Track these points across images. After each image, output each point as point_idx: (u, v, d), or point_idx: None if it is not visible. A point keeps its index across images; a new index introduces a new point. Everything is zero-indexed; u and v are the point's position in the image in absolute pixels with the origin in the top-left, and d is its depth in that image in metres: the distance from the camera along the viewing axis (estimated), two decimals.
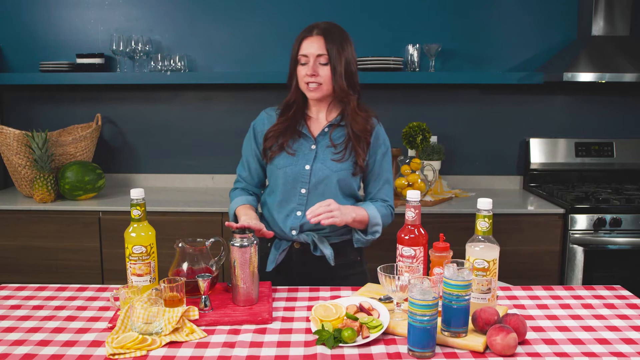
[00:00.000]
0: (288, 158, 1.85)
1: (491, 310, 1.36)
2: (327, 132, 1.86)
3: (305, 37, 1.82)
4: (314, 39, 1.80)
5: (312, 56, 1.79)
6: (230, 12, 3.22)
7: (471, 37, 3.22)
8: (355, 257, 1.94)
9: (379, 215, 1.84)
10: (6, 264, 2.82)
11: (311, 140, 1.86)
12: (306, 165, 1.83)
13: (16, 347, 1.35)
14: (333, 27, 1.83)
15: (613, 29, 3.03)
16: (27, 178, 2.93)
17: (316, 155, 1.84)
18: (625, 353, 1.32)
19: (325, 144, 1.85)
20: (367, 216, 1.81)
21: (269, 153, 1.87)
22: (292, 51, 1.85)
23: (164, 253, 1.86)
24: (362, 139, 1.84)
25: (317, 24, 1.84)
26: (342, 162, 1.82)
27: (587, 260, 2.72)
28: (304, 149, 1.85)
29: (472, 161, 3.34)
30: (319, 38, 1.80)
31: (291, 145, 1.85)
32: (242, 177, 1.99)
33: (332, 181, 1.82)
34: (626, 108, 3.30)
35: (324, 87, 1.81)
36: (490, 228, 1.47)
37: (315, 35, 1.81)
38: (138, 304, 1.38)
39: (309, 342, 1.38)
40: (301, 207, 1.85)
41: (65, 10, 3.24)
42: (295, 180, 1.84)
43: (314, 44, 1.80)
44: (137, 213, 1.58)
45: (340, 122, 1.87)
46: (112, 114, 3.32)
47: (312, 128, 1.89)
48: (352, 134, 1.83)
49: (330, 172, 1.82)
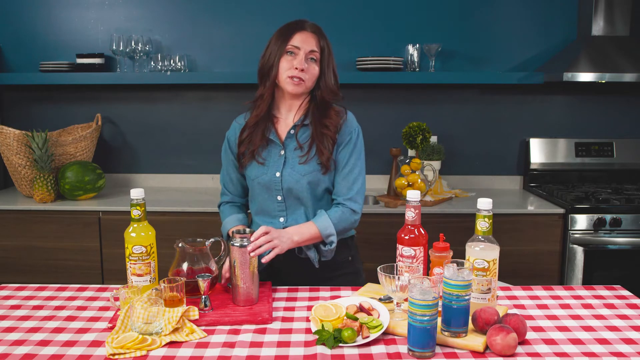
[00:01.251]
0: (259, 168, 1.82)
1: (491, 310, 1.36)
2: (293, 133, 1.82)
3: (299, 31, 1.77)
4: (308, 34, 1.77)
5: (305, 51, 1.75)
6: (230, 12, 3.22)
7: (471, 37, 3.22)
8: (345, 257, 1.91)
9: (331, 224, 1.76)
10: (6, 264, 2.82)
11: (279, 146, 1.82)
12: (277, 173, 1.80)
13: (16, 347, 1.35)
14: (320, 27, 1.82)
15: (613, 29, 3.03)
16: (27, 178, 2.93)
17: (285, 161, 1.81)
18: (625, 353, 1.32)
19: (292, 147, 1.81)
20: (317, 230, 1.76)
21: (242, 160, 1.85)
22: (276, 42, 1.78)
23: (164, 253, 1.86)
24: (326, 136, 1.77)
25: (305, 20, 1.81)
26: (307, 164, 1.78)
27: (587, 260, 2.72)
28: (273, 156, 1.82)
29: (472, 161, 3.34)
30: (313, 35, 1.78)
31: (261, 153, 1.82)
32: (227, 188, 1.97)
33: (303, 185, 1.79)
34: (626, 108, 3.30)
35: (307, 83, 1.77)
36: (490, 228, 1.47)
37: (309, 31, 1.78)
38: (138, 304, 1.38)
39: (309, 342, 1.38)
40: (282, 213, 1.84)
41: (65, 10, 3.24)
42: (269, 188, 1.82)
43: (308, 39, 1.76)
44: (137, 213, 1.58)
45: (304, 122, 1.81)
46: (112, 114, 3.32)
47: (280, 130, 1.84)
48: (315, 132, 1.78)
49: (299, 176, 1.78)
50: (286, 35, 1.77)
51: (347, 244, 1.92)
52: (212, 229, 2.76)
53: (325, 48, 1.78)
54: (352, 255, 1.94)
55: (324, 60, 1.78)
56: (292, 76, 1.75)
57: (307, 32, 1.78)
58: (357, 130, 1.85)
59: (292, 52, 1.76)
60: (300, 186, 1.79)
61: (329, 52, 1.79)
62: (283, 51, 1.76)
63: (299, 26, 1.79)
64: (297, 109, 1.84)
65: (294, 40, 1.76)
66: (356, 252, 1.97)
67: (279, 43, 1.77)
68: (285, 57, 1.76)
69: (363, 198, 1.85)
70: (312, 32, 1.78)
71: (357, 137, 1.84)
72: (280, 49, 1.77)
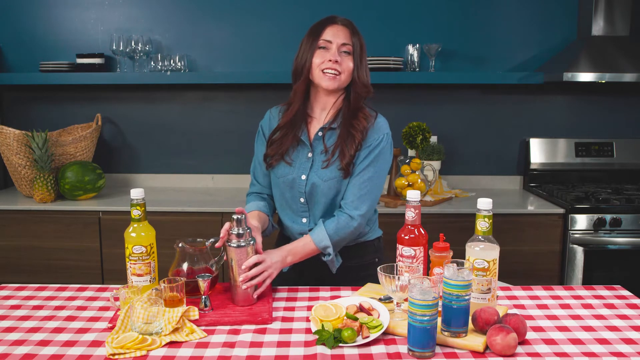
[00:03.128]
0: (286, 167, 1.81)
1: (491, 310, 1.36)
2: (321, 136, 1.81)
3: (330, 24, 1.76)
4: (339, 28, 1.75)
5: (337, 44, 1.73)
6: (230, 12, 3.22)
7: (471, 37, 3.22)
8: (371, 258, 1.89)
9: (326, 236, 1.72)
10: (6, 264, 2.82)
11: (308, 148, 1.81)
12: (302, 175, 1.79)
13: (16, 347, 1.35)
14: (352, 22, 1.81)
15: (613, 29, 3.03)
16: (27, 178, 2.93)
17: (312, 164, 1.80)
18: (625, 353, 1.32)
19: (320, 150, 1.80)
20: (313, 244, 1.73)
21: (269, 160, 1.84)
22: (308, 39, 1.77)
23: (164, 253, 1.86)
24: (352, 138, 1.74)
25: (335, 15, 1.80)
26: (328, 168, 1.76)
27: (587, 260, 2.72)
28: (302, 157, 1.81)
29: (472, 161, 3.34)
30: (344, 28, 1.76)
31: (290, 154, 1.81)
32: (257, 179, 1.93)
33: (324, 189, 1.78)
34: (626, 108, 3.30)
35: (342, 77, 1.74)
36: (490, 228, 1.47)
37: (340, 25, 1.76)
38: (138, 304, 1.38)
39: (309, 342, 1.38)
40: (305, 214, 1.84)
41: (65, 10, 3.24)
42: (292, 188, 1.82)
43: (340, 33, 1.74)
44: (137, 213, 1.58)
45: (332, 125, 1.79)
46: (112, 114, 3.32)
47: (312, 131, 1.83)
48: (342, 134, 1.76)
49: (321, 181, 1.77)
50: (317, 30, 1.76)
51: (374, 245, 1.91)
52: (212, 229, 2.76)
53: (358, 42, 1.76)
54: (379, 257, 1.91)
55: (357, 54, 1.75)
56: (326, 69, 1.72)
57: (338, 26, 1.76)
58: (384, 136, 1.78)
59: (324, 47, 1.74)
60: (321, 190, 1.78)
61: (361, 47, 1.77)
62: (315, 47, 1.74)
63: (330, 20, 1.77)
64: (330, 108, 1.81)
65: (325, 34, 1.74)
66: (382, 254, 1.93)
67: (310, 40, 1.76)
68: (318, 52, 1.74)
69: (369, 205, 1.78)
70: (343, 26, 1.76)
71: (383, 143, 1.77)
72: (312, 45, 1.75)
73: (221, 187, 3.32)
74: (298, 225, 1.85)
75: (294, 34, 3.17)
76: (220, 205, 2.81)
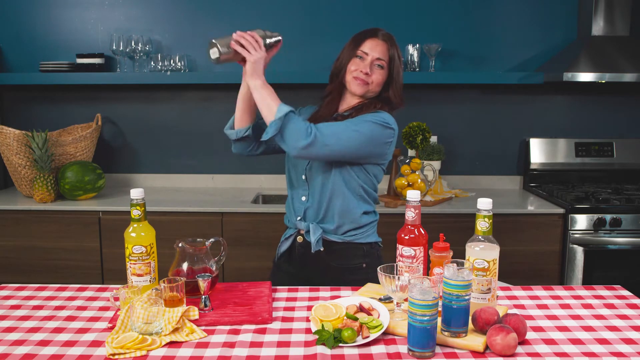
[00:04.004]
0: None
1: (491, 310, 1.36)
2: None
3: (370, 37, 1.86)
4: (378, 42, 1.86)
5: (372, 57, 1.84)
6: (231, 12, 3.22)
7: (471, 37, 3.22)
8: (357, 262, 1.90)
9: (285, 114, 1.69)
10: (6, 264, 2.82)
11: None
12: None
13: (16, 347, 1.35)
14: (393, 37, 1.90)
15: (613, 29, 3.03)
16: (27, 178, 2.93)
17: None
18: (625, 353, 1.32)
19: None
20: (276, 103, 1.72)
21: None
22: (349, 46, 1.88)
23: (164, 253, 1.86)
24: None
25: (379, 28, 1.89)
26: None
27: (587, 260, 2.72)
28: None
29: (472, 161, 3.34)
30: (384, 43, 1.86)
31: None
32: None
33: (319, 167, 1.86)
34: (626, 108, 3.30)
35: (371, 87, 1.86)
36: (490, 228, 1.47)
37: (380, 39, 1.86)
38: (138, 304, 1.38)
39: (309, 342, 1.38)
40: (304, 192, 1.91)
41: (65, 10, 3.24)
42: (295, 165, 1.93)
43: (378, 47, 1.85)
44: (137, 213, 1.58)
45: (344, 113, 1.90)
46: (112, 114, 3.32)
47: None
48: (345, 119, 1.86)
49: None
50: (358, 41, 1.88)
51: (363, 249, 1.91)
52: (212, 229, 2.76)
53: (395, 56, 1.87)
54: (367, 263, 1.90)
55: (394, 67, 1.87)
56: (356, 77, 1.85)
57: (377, 40, 1.86)
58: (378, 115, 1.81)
59: (361, 57, 1.86)
60: (316, 166, 1.86)
61: (399, 60, 1.88)
62: (353, 55, 1.87)
63: (371, 33, 1.88)
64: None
65: (364, 46, 1.86)
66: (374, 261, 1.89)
67: (351, 47, 1.88)
68: (354, 60, 1.87)
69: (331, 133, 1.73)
70: (382, 41, 1.87)
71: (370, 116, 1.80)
72: (351, 53, 1.87)
73: (221, 187, 3.32)
74: (297, 203, 1.93)
75: (294, 34, 3.19)
76: (220, 205, 2.81)
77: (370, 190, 1.91)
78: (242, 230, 2.77)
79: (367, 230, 1.92)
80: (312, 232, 1.87)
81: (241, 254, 2.74)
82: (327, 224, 1.88)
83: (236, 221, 2.77)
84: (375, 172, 1.90)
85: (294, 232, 1.95)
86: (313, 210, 1.89)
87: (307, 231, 1.89)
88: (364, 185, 1.88)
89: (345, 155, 1.79)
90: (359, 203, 1.88)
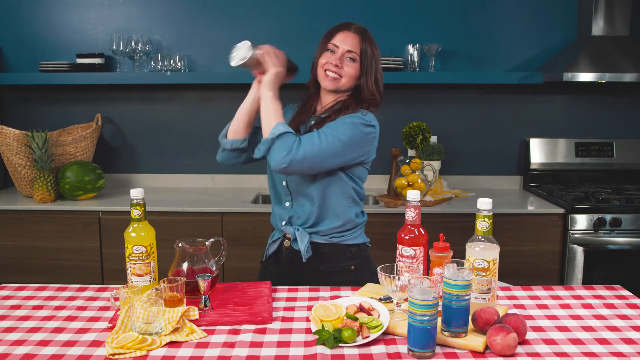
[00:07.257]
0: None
1: (491, 310, 1.36)
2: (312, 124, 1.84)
3: (342, 30, 1.83)
4: (350, 35, 1.82)
5: (343, 49, 1.80)
6: (230, 12, 3.22)
7: (471, 37, 3.22)
8: (346, 265, 1.88)
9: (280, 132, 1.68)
10: (6, 264, 2.82)
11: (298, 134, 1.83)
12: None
13: (16, 347, 1.35)
14: (367, 30, 1.86)
15: (613, 29, 3.03)
16: (27, 178, 2.93)
17: None
18: (625, 353, 1.32)
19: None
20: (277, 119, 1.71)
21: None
22: (322, 39, 1.86)
23: (164, 253, 1.86)
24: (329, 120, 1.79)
25: (352, 22, 1.85)
26: None
27: (587, 260, 2.72)
28: None
29: (472, 161, 3.34)
30: (355, 35, 1.82)
31: None
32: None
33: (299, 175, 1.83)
34: (626, 108, 3.30)
35: (342, 80, 1.81)
36: (490, 228, 1.47)
37: (352, 32, 1.82)
38: (138, 304, 1.38)
39: (309, 342, 1.38)
40: (287, 198, 1.88)
41: (65, 10, 3.24)
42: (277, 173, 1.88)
43: (348, 39, 1.81)
44: (137, 213, 1.58)
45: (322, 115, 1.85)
46: (112, 114, 3.32)
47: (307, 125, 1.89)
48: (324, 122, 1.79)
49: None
50: (330, 34, 1.85)
51: (351, 251, 1.89)
52: (212, 229, 2.76)
53: (368, 50, 1.81)
54: (356, 265, 1.89)
55: (366, 61, 1.81)
56: (327, 70, 1.81)
57: (349, 32, 1.82)
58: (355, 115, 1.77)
59: (332, 50, 1.82)
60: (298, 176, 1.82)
61: (372, 55, 1.82)
62: (324, 49, 1.83)
63: (344, 26, 1.85)
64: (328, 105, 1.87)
65: (335, 39, 1.82)
66: (363, 263, 1.90)
67: (322, 42, 1.86)
68: (325, 54, 1.83)
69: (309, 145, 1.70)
70: (354, 33, 1.82)
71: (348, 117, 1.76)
72: (322, 47, 1.85)
73: (221, 187, 3.32)
74: (281, 209, 1.90)
75: (294, 33, 3.19)
76: (220, 205, 2.81)
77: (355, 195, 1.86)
78: (242, 230, 2.77)
79: (355, 232, 1.90)
80: (299, 240, 1.83)
81: (241, 254, 2.74)
82: (313, 227, 1.85)
83: (236, 221, 2.77)
84: (359, 174, 1.86)
85: (281, 236, 1.92)
86: (298, 216, 1.86)
87: (295, 239, 1.86)
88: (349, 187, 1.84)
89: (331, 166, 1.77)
90: (346, 205, 1.85)
